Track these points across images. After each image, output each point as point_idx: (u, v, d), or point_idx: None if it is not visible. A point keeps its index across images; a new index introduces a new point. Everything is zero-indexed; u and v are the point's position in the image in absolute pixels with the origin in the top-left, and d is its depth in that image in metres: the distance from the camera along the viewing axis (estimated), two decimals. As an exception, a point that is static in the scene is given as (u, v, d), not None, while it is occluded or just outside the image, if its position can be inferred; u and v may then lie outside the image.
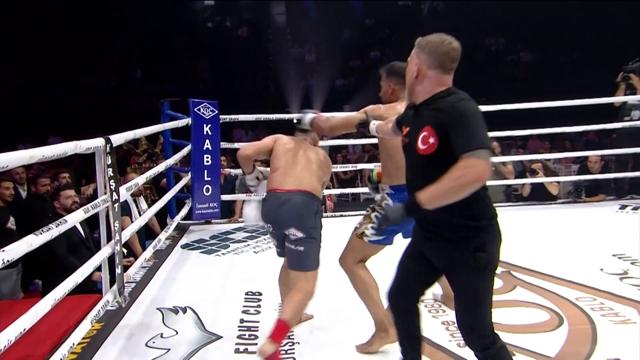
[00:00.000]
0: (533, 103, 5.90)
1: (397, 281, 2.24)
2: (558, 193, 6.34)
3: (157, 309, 3.39)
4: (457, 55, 2.05)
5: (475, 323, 2.10)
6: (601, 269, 3.94)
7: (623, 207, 5.85)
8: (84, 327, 2.63)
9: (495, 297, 3.36)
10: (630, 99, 6.05)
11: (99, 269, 2.96)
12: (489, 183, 6.37)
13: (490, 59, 15.90)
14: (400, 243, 2.51)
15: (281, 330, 2.61)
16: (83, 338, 2.72)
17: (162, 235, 4.58)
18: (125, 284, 3.28)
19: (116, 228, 3.03)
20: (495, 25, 16.41)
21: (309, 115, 3.11)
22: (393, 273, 2.25)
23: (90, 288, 3.60)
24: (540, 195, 6.31)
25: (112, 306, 3.16)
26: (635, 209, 5.73)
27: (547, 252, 4.35)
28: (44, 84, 14.24)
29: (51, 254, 3.65)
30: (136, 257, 4.13)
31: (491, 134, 6.45)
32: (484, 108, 6.31)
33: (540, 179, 6.23)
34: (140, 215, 4.74)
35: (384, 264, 2.82)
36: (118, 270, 3.05)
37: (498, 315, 3.11)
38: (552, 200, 6.25)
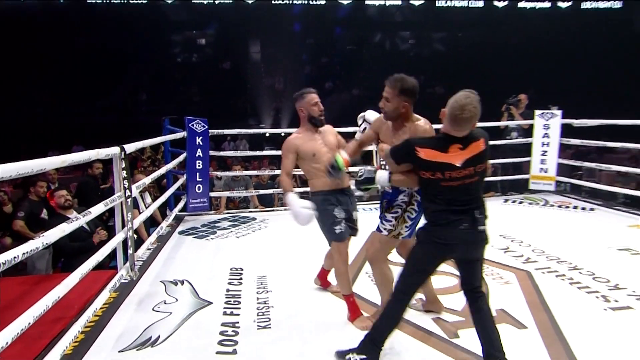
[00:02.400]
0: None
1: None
2: None
3: (161, 281, 3.32)
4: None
5: (401, 273, 2.21)
6: (491, 245, 3.98)
7: (506, 200, 6.01)
8: (104, 296, 2.60)
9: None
10: (510, 124, 6.29)
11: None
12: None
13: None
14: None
15: (349, 304, 2.66)
16: (103, 304, 2.67)
17: (164, 224, 4.52)
18: (135, 262, 3.23)
19: (128, 218, 2.99)
20: (417, 65, 16.88)
21: (383, 175, 2.27)
22: None
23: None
24: None
25: (125, 279, 3.11)
26: (514, 202, 5.94)
27: None
28: (71, 104, 14.04)
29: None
30: (143, 241, 4.06)
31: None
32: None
33: None
34: (146, 207, 4.65)
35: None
36: (130, 251, 3.01)
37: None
38: None
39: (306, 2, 16.88)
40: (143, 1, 15.89)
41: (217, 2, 16.35)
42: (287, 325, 2.65)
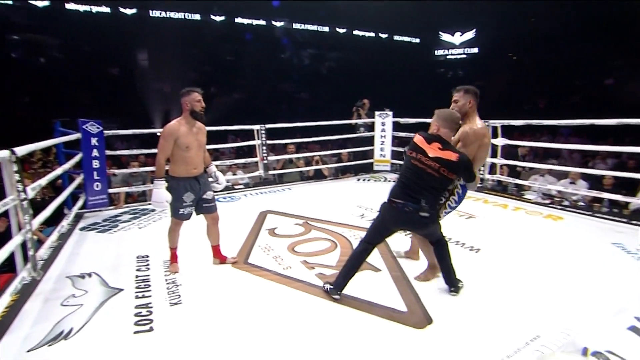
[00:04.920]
0: (310, 122, 6.15)
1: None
2: (328, 174, 6.67)
3: (67, 277, 2.81)
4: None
5: (368, 228, 2.51)
6: (352, 214, 4.30)
7: (358, 179, 6.43)
8: (4, 300, 2.13)
9: (300, 238, 3.58)
10: (358, 121, 6.73)
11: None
12: (286, 171, 6.41)
13: (284, 96, 16.46)
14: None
15: (172, 254, 2.91)
16: (4, 309, 2.17)
17: (64, 222, 3.81)
18: (37, 262, 2.68)
19: (25, 220, 2.46)
20: (286, 75, 17.07)
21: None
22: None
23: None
24: (319, 175, 6.58)
25: (26, 281, 2.57)
26: (364, 180, 6.39)
27: (324, 207, 4.55)
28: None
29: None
30: (40, 242, 3.37)
31: (292, 140, 6.62)
32: (285, 125, 6.45)
33: (318, 167, 6.50)
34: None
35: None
36: (31, 252, 2.49)
37: (305, 247, 3.28)
38: (325, 178, 6.57)
39: (182, 16, 15.62)
40: (10, 2, 12.76)
41: (94, 11, 14.07)
42: (197, 298, 2.52)
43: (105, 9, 14.26)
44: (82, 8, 13.89)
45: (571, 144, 6.53)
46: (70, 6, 13.70)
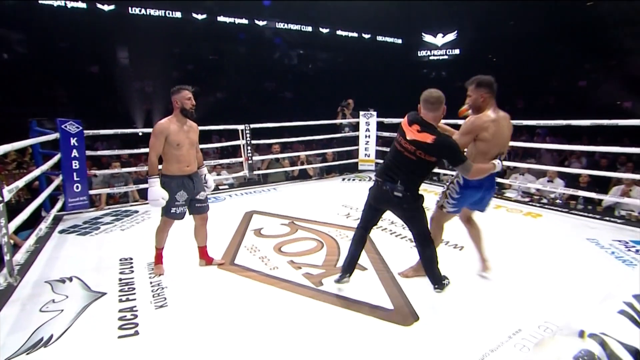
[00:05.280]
0: (296, 122, 6.15)
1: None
2: (313, 174, 6.68)
3: (45, 282, 2.71)
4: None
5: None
6: (337, 213, 4.32)
7: (343, 179, 6.45)
8: (-21, 308, 2.02)
9: (286, 238, 3.59)
10: (343, 121, 6.75)
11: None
12: (271, 171, 6.39)
13: (267, 95, 16.34)
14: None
15: (157, 254, 2.83)
16: (-22, 316, 2.08)
17: (42, 225, 3.67)
18: (14, 267, 2.58)
19: (2, 223, 2.36)
20: (269, 74, 16.94)
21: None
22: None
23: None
24: (304, 175, 6.57)
25: (1, 287, 2.47)
26: (349, 179, 6.42)
27: (310, 207, 4.55)
28: None
29: None
30: (17, 246, 3.23)
31: (277, 140, 6.60)
32: (269, 124, 6.41)
33: (304, 167, 6.50)
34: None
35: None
36: (7, 257, 2.39)
37: (291, 248, 3.28)
38: (310, 177, 6.56)
39: (162, 14, 15.28)
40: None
41: (69, 6, 13.56)
42: (183, 300, 2.47)
43: (81, 4, 13.79)
44: (55, 3, 13.38)
45: (549, 144, 6.73)
46: (43, 1, 13.18)
